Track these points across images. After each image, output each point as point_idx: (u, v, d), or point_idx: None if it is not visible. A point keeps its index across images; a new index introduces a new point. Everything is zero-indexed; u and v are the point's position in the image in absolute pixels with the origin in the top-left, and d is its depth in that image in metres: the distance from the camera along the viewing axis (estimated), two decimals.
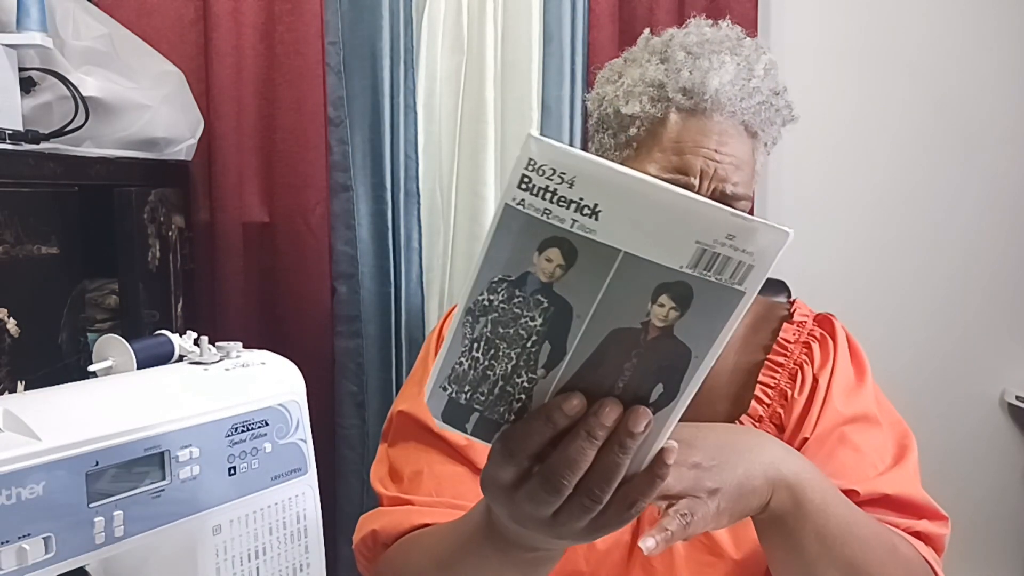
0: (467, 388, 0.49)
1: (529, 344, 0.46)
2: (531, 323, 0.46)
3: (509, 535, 0.56)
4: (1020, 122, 1.78)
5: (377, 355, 1.50)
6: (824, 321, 0.87)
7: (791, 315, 0.88)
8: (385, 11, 1.43)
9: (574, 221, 0.42)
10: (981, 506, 1.85)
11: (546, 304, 0.45)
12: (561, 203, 0.42)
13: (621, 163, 0.84)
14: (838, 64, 1.71)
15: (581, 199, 0.42)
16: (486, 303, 0.46)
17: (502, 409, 0.49)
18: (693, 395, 0.46)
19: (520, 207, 0.43)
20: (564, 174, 0.42)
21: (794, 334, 0.85)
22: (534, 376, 0.47)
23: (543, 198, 0.42)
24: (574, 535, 0.51)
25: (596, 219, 0.42)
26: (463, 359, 0.48)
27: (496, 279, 0.45)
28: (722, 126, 0.78)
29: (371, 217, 1.49)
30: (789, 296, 1.30)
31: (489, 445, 0.51)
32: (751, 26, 1.52)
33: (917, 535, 0.75)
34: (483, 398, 0.49)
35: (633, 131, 0.82)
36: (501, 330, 0.46)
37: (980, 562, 1.86)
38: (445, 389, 0.49)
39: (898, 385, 0.86)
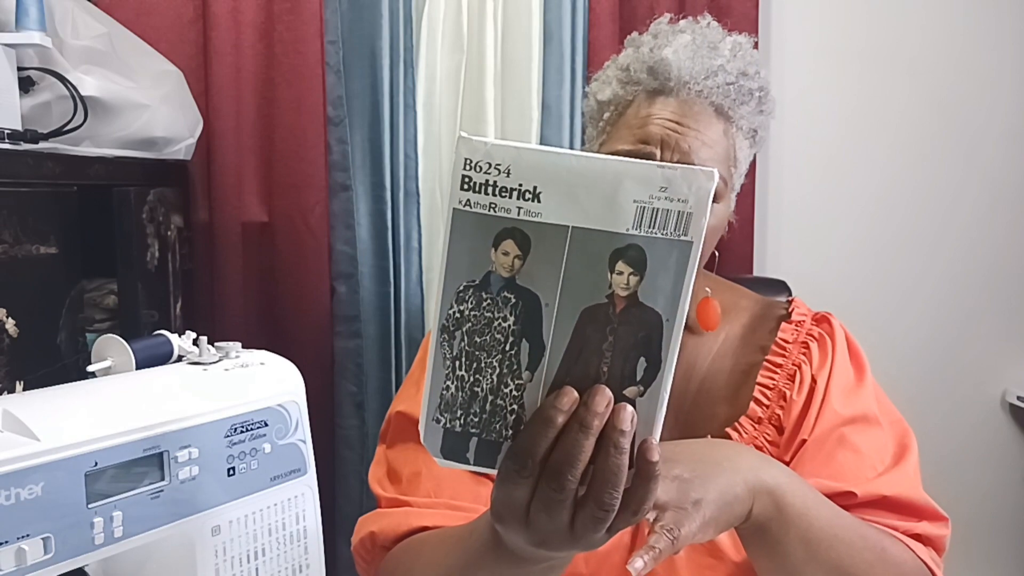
0: (459, 413, 0.49)
1: (508, 347, 0.47)
2: (504, 324, 0.47)
3: (523, 551, 0.55)
4: (1020, 122, 1.78)
5: (377, 355, 1.50)
6: (822, 320, 0.87)
7: (789, 314, 0.88)
8: (385, 10, 1.43)
9: (519, 208, 0.44)
10: (982, 506, 1.85)
11: (514, 300, 0.46)
12: (503, 193, 0.44)
13: (598, 149, 0.84)
14: (838, 64, 1.71)
15: (520, 185, 0.44)
16: (458, 316, 0.47)
17: (498, 426, 0.49)
18: (675, 363, 0.47)
19: (467, 208, 0.45)
20: (499, 165, 0.44)
21: (792, 334, 0.85)
22: (520, 382, 0.48)
23: (486, 193, 0.44)
24: (593, 544, 0.51)
25: (539, 201, 0.44)
26: (448, 383, 0.48)
27: (461, 288, 0.46)
28: (688, 104, 0.79)
29: (371, 217, 1.49)
30: (790, 295, 1.30)
31: (493, 472, 0.50)
32: (751, 26, 1.52)
33: (917, 537, 0.75)
34: (477, 419, 0.49)
35: (607, 115, 0.84)
36: (478, 339, 0.47)
37: (980, 562, 1.86)
38: (439, 421, 0.49)
39: (899, 385, 0.85)
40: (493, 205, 0.44)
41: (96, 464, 0.54)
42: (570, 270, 0.45)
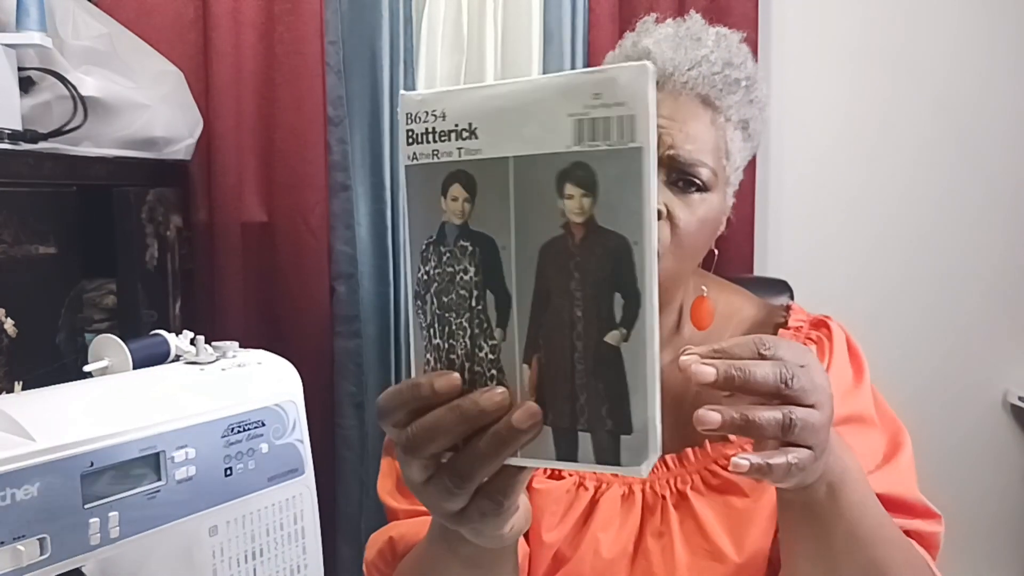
0: None
1: (473, 302, 0.44)
2: (465, 276, 0.44)
3: (448, 527, 0.53)
4: (1021, 122, 1.77)
5: (376, 355, 1.50)
6: (820, 324, 0.86)
7: (787, 322, 0.87)
8: (385, 10, 1.43)
9: (459, 149, 0.44)
10: (983, 506, 1.84)
11: (470, 247, 0.44)
12: (443, 137, 0.44)
13: None
14: (838, 64, 1.71)
15: (457, 125, 0.44)
16: (425, 277, 0.45)
17: None
18: (656, 295, 0.41)
19: (415, 161, 0.45)
20: (434, 110, 0.44)
21: (790, 339, 0.84)
22: (494, 342, 0.44)
23: (428, 141, 0.44)
24: (448, 517, 0.48)
25: (476, 138, 0.43)
26: (428, 356, 0.46)
27: (423, 246, 0.45)
28: (673, 97, 0.78)
29: (370, 217, 1.49)
30: (791, 294, 1.30)
31: None
32: (751, 26, 1.52)
33: (910, 535, 0.73)
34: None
35: None
36: (444, 299, 0.45)
37: (981, 562, 1.85)
38: None
39: (899, 386, 0.85)
40: (436, 152, 0.44)
41: (92, 464, 0.54)
42: (519, 204, 0.42)
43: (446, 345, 0.45)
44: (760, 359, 0.49)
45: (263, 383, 0.67)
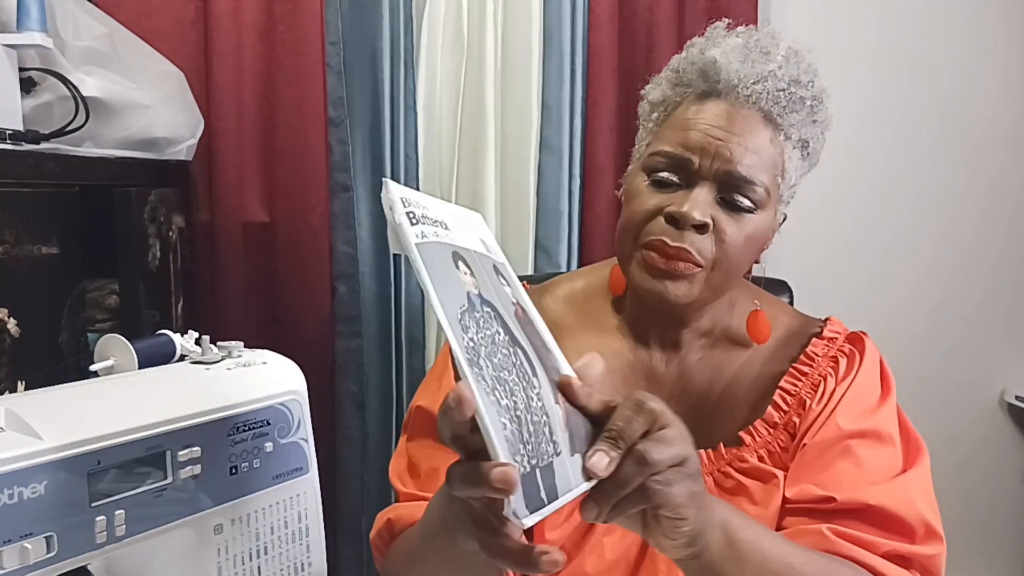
0: (520, 448, 0.44)
1: (514, 357, 0.48)
2: (500, 336, 0.48)
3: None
4: (1020, 121, 1.78)
5: (377, 355, 1.50)
6: (856, 339, 0.85)
7: (823, 332, 0.87)
8: (385, 11, 1.43)
9: (444, 236, 0.50)
10: (981, 506, 1.85)
11: (491, 312, 0.49)
12: (436, 224, 0.50)
13: (645, 149, 0.83)
14: (838, 64, 1.71)
15: (436, 217, 0.50)
16: (471, 344, 0.46)
17: (543, 445, 0.46)
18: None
19: (424, 239, 0.47)
20: (418, 200, 0.50)
21: (823, 349, 0.83)
22: (537, 389, 0.47)
23: (426, 224, 0.49)
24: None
25: (448, 229, 0.51)
26: (503, 419, 0.44)
27: (459, 315, 0.46)
28: (735, 108, 0.77)
29: (371, 217, 1.49)
30: (791, 294, 1.30)
31: (559, 506, 0.46)
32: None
33: (900, 559, 0.72)
34: (531, 448, 0.45)
35: (655, 116, 0.83)
36: (496, 360, 0.46)
37: (980, 562, 1.86)
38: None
39: (898, 385, 0.85)
40: (436, 233, 0.48)
41: (99, 463, 0.54)
42: (483, 281, 0.50)
43: (511, 403, 0.46)
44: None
45: (268, 382, 0.67)
